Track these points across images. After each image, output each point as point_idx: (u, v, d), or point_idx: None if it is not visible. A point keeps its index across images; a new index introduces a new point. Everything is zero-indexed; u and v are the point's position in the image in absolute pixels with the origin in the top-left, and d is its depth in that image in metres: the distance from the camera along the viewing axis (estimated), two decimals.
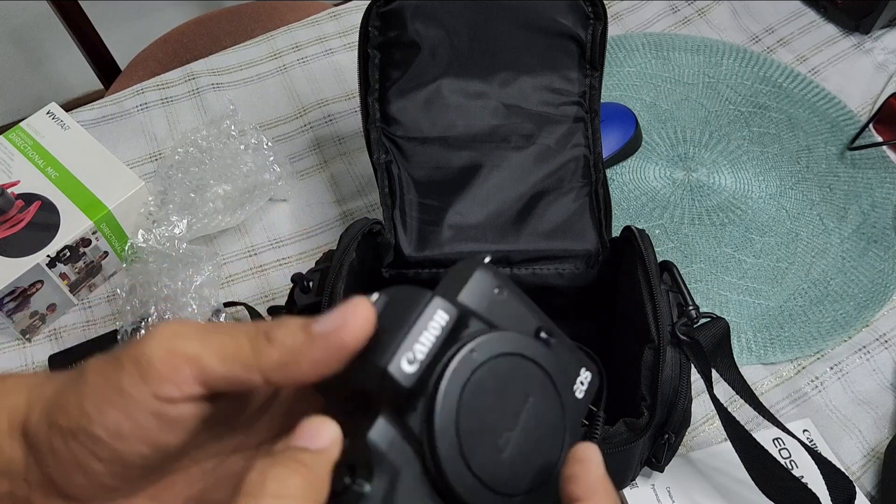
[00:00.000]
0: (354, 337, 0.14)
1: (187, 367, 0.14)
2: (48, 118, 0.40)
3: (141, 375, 0.14)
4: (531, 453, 0.15)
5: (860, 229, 0.42)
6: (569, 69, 0.36)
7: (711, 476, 0.34)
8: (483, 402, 0.14)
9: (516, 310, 0.16)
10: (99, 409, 0.14)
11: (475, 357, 0.15)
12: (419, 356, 0.14)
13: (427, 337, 0.14)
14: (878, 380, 0.37)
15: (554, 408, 0.15)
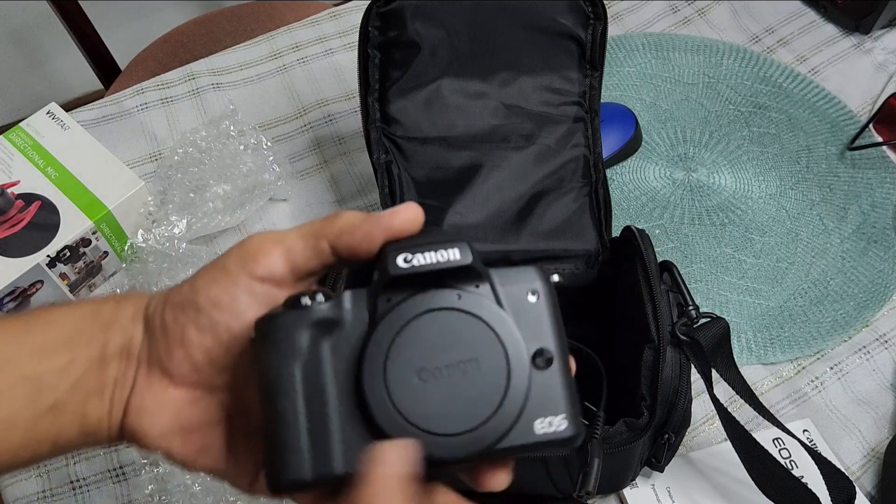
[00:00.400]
0: (401, 220, 0.17)
1: (276, 249, 0.17)
2: (48, 118, 0.40)
3: (241, 257, 0.18)
4: (449, 410, 0.16)
5: (860, 229, 0.42)
6: (569, 69, 0.36)
7: (711, 476, 0.34)
8: (433, 334, 0.16)
9: (535, 321, 0.16)
10: (206, 285, 0.18)
11: (451, 300, 0.16)
12: (414, 262, 0.16)
13: (430, 256, 0.16)
14: (878, 380, 0.37)
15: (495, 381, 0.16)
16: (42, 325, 0.18)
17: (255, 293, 0.17)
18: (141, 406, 0.18)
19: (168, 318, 0.18)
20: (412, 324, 0.16)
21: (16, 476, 0.34)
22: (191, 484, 0.33)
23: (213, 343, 0.18)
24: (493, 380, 0.16)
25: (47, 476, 0.34)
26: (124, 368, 0.18)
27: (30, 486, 0.34)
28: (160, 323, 0.18)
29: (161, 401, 0.18)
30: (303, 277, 0.18)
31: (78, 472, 0.34)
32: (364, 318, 0.16)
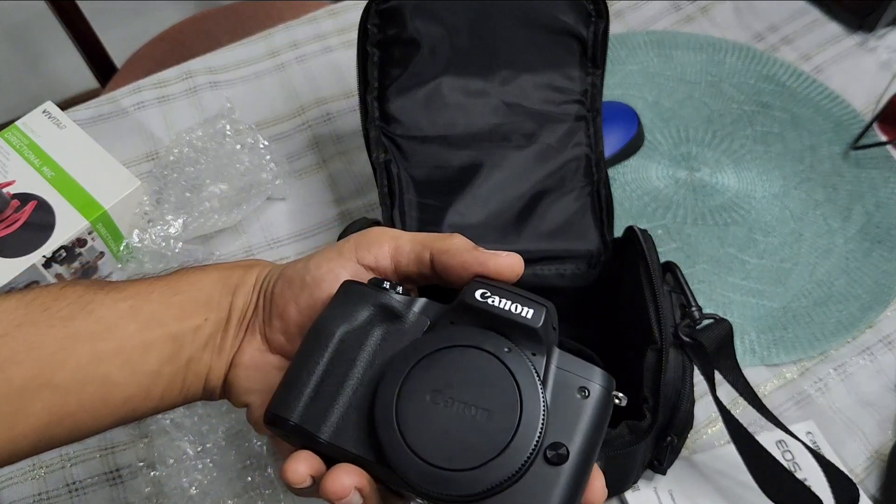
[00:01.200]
0: (496, 264, 0.18)
1: (388, 243, 0.19)
2: (44, 117, 0.40)
3: (357, 243, 0.19)
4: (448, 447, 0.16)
5: (864, 229, 0.42)
6: (570, 67, 0.36)
7: (714, 479, 0.33)
8: (466, 368, 0.16)
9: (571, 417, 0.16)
10: (318, 265, 0.19)
11: (500, 349, 0.16)
12: (489, 301, 0.17)
13: (505, 303, 0.17)
14: (882, 381, 0.37)
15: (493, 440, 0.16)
16: (186, 287, 0.20)
17: (358, 276, 0.19)
18: (240, 362, 0.20)
19: (276, 291, 0.20)
20: (454, 350, 0.16)
21: (11, 478, 0.34)
22: (188, 487, 0.32)
23: (308, 319, 0.19)
24: (493, 438, 0.16)
25: (43, 479, 0.34)
26: (239, 329, 0.20)
27: (26, 488, 0.34)
28: (270, 294, 0.20)
29: (257, 361, 0.20)
30: (403, 280, 0.20)
31: (74, 475, 0.34)
32: (424, 326, 0.17)
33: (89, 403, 0.18)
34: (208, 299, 0.20)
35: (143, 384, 0.19)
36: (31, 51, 0.92)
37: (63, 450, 0.34)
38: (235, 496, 0.33)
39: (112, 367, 0.18)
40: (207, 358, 0.20)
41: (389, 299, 0.17)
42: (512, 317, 0.16)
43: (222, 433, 0.34)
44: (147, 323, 0.19)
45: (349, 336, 0.17)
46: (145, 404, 0.19)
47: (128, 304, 0.19)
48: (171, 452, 0.33)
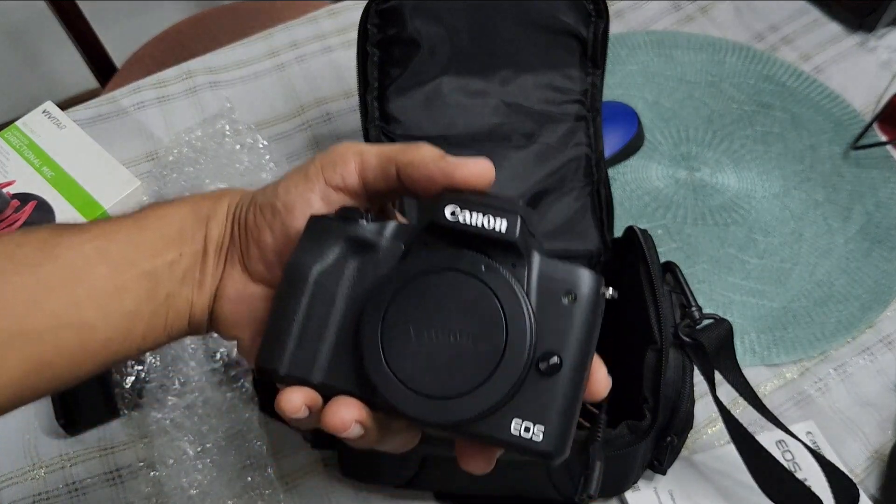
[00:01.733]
0: (463, 173, 0.17)
1: (353, 160, 0.18)
2: (44, 117, 0.40)
3: (322, 163, 0.18)
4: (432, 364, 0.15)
5: (864, 229, 0.42)
6: (570, 67, 0.36)
7: (714, 479, 0.33)
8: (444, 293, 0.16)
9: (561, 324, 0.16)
10: (286, 190, 0.19)
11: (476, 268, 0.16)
12: (459, 219, 0.16)
13: (476, 218, 0.16)
14: (882, 381, 0.37)
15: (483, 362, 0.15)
16: (153, 222, 0.19)
17: (329, 200, 0.18)
18: (224, 294, 0.19)
19: (250, 218, 0.19)
20: (430, 276, 0.16)
21: (11, 479, 0.34)
22: (187, 487, 0.32)
23: (284, 247, 0.18)
24: (482, 360, 0.15)
25: (43, 479, 0.34)
26: (218, 260, 0.20)
27: (25, 488, 0.34)
28: (244, 222, 0.19)
29: (241, 293, 0.19)
30: (375, 195, 0.19)
31: (74, 475, 0.34)
32: (399, 252, 0.17)
33: (67, 350, 0.18)
34: (179, 233, 0.19)
35: (122, 326, 0.18)
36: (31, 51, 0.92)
37: (63, 450, 0.34)
38: (235, 496, 0.33)
39: (87, 311, 0.18)
40: (187, 293, 0.19)
41: (359, 230, 0.17)
42: (485, 232, 0.16)
43: (222, 433, 0.34)
44: (118, 264, 0.18)
45: (324, 275, 0.17)
46: (127, 346, 0.19)
47: (94, 246, 0.18)
48: (171, 452, 0.33)
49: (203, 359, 0.35)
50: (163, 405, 0.34)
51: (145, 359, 0.35)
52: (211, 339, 0.36)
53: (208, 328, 0.20)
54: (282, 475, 0.33)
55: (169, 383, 0.35)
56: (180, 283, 0.19)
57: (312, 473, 0.34)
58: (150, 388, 0.35)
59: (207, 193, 0.20)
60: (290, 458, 0.34)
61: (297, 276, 0.17)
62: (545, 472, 0.30)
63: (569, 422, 0.16)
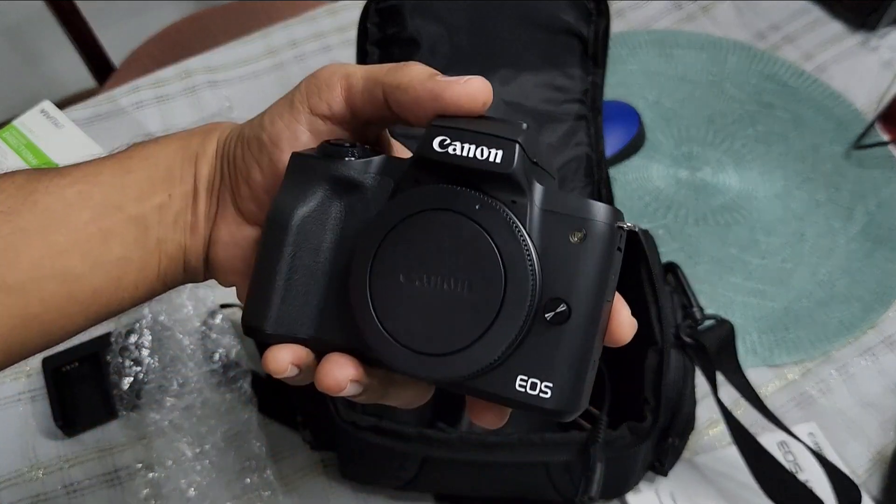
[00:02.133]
0: (453, 94, 0.15)
1: (339, 84, 0.17)
2: (42, 116, 0.40)
3: (307, 90, 0.17)
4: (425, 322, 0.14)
5: (866, 230, 0.41)
6: (571, 66, 0.35)
7: (716, 480, 0.33)
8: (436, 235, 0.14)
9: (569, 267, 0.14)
10: (271, 121, 0.17)
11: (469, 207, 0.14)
12: (449, 150, 0.14)
13: (468, 149, 0.14)
14: (884, 382, 0.37)
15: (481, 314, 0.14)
16: (139, 163, 0.18)
17: (317, 130, 0.17)
18: (219, 238, 0.18)
19: (237, 154, 0.18)
20: (420, 216, 0.14)
21: (9, 480, 0.34)
22: (186, 488, 0.32)
23: (275, 184, 0.17)
24: (479, 311, 0.13)
25: (41, 480, 0.34)
26: (210, 202, 0.18)
27: (24, 490, 0.33)
28: (231, 158, 0.18)
29: (235, 236, 0.18)
30: (365, 123, 0.17)
31: (72, 477, 0.34)
32: (388, 188, 0.15)
33: (54, 302, 0.16)
34: (168, 174, 0.18)
35: (112, 274, 0.17)
36: (29, 50, 0.92)
37: (61, 451, 0.34)
38: (234, 498, 0.33)
39: (71, 259, 0.17)
40: (180, 237, 0.18)
41: (342, 169, 0.15)
42: (479, 165, 0.14)
43: (221, 434, 0.33)
44: (102, 208, 0.17)
45: (308, 220, 0.15)
46: (119, 295, 0.17)
47: (75, 190, 0.17)
48: (170, 454, 0.33)
49: (201, 360, 0.35)
50: (161, 406, 0.34)
51: (143, 359, 0.35)
52: (209, 339, 0.36)
53: (205, 275, 0.19)
54: (281, 476, 0.33)
55: (167, 384, 0.34)
56: (172, 226, 0.18)
57: (312, 475, 0.33)
58: (149, 388, 0.34)
59: (196, 128, 0.19)
60: (290, 459, 0.34)
61: (279, 224, 0.15)
62: (545, 474, 0.29)
63: (581, 375, 0.14)
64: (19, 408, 0.35)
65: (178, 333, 0.35)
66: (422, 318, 0.14)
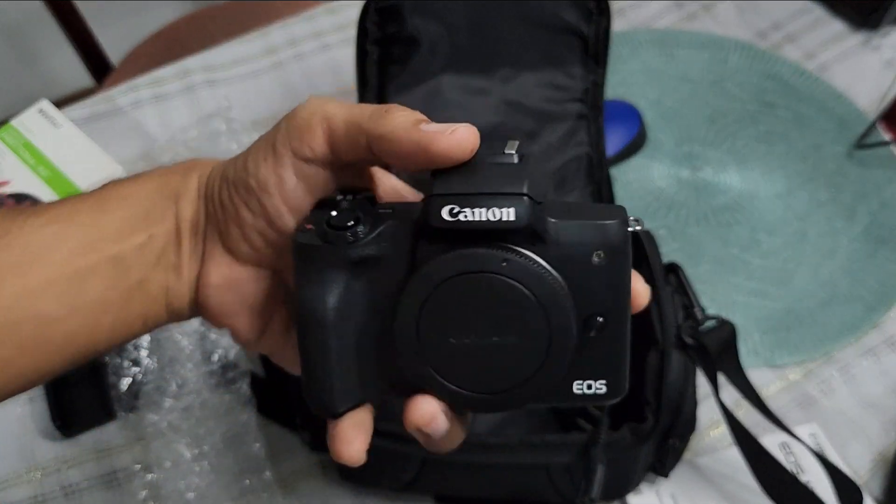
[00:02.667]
0: (440, 147, 0.15)
1: (320, 126, 0.17)
2: (39, 116, 0.40)
3: (288, 134, 0.17)
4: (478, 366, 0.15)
5: (868, 230, 0.41)
6: (571, 65, 0.35)
7: (717, 482, 0.33)
8: (473, 296, 0.15)
9: (596, 284, 0.15)
10: (255, 164, 0.17)
11: (495, 264, 0.15)
12: (461, 217, 0.15)
13: (480, 213, 0.15)
14: (887, 383, 0.37)
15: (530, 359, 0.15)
16: (116, 203, 0.18)
17: (303, 174, 0.17)
18: (209, 281, 0.18)
19: (224, 196, 0.18)
20: (450, 283, 0.15)
21: (6, 481, 0.33)
22: (184, 490, 0.32)
23: (266, 225, 0.17)
24: (531, 351, 0.15)
25: (39, 482, 0.33)
26: (195, 242, 0.18)
27: (21, 491, 0.33)
28: (218, 200, 0.18)
29: (227, 277, 0.18)
30: (346, 165, 0.17)
31: (70, 478, 0.33)
32: (405, 257, 0.16)
33: (29, 346, 0.16)
34: (147, 213, 0.18)
35: (88, 316, 0.17)
36: (27, 49, 0.91)
37: (59, 452, 0.34)
38: (233, 499, 0.32)
39: (46, 301, 0.16)
40: (162, 277, 0.18)
41: (356, 252, 0.15)
42: (494, 226, 0.14)
43: (219, 436, 0.33)
44: (79, 248, 0.17)
45: (339, 306, 0.16)
46: (95, 337, 0.17)
47: (52, 230, 0.17)
48: (168, 455, 0.33)
49: (200, 360, 0.35)
50: (159, 407, 0.34)
51: (142, 360, 0.35)
52: (208, 340, 0.36)
53: (190, 315, 0.19)
54: (280, 478, 0.33)
55: (166, 385, 0.34)
56: (153, 266, 0.18)
57: (311, 476, 0.33)
58: (147, 390, 0.34)
59: (175, 166, 0.19)
60: (289, 460, 0.34)
61: (315, 320, 0.16)
62: (546, 475, 0.29)
63: (625, 364, 0.16)
64: (17, 409, 0.35)
65: (177, 334, 0.35)
66: (481, 369, 0.15)
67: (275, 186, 0.17)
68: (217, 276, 0.18)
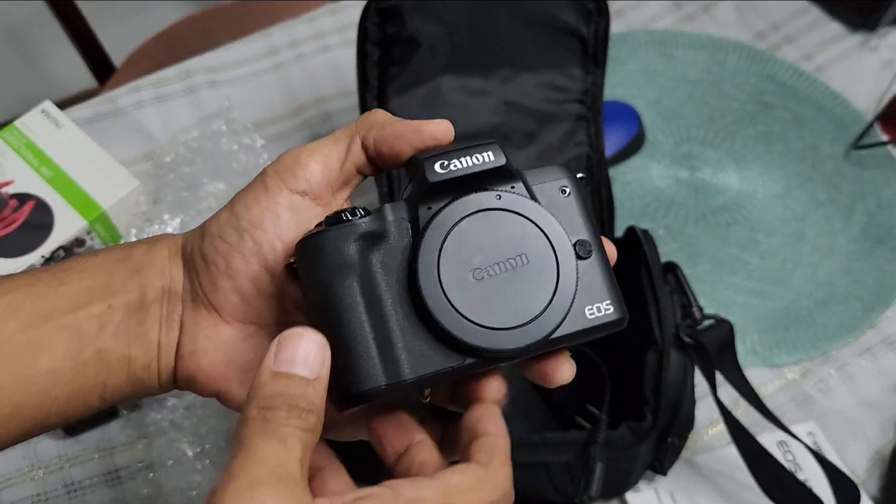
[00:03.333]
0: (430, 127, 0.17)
1: (311, 159, 0.18)
2: (42, 116, 0.40)
3: (279, 172, 0.17)
4: (506, 299, 0.16)
5: (866, 230, 0.41)
6: (571, 66, 0.35)
7: (715, 480, 0.33)
8: (479, 234, 0.17)
9: (570, 215, 0.17)
10: (246, 207, 0.17)
11: (492, 200, 0.17)
12: (451, 168, 0.17)
13: (466, 160, 0.17)
14: (884, 382, 0.37)
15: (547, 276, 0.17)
16: (74, 275, 0.18)
17: (296, 208, 0.17)
18: (194, 348, 0.18)
19: (209, 251, 0.18)
20: (458, 227, 0.16)
21: (10, 479, 0.34)
22: (187, 488, 0.32)
23: (260, 268, 0.17)
24: (544, 273, 0.17)
25: (42, 480, 0.34)
26: (168, 311, 0.18)
27: (24, 489, 0.33)
28: (201, 258, 0.18)
29: (213, 340, 0.18)
30: (339, 188, 0.18)
31: (73, 476, 0.34)
32: (407, 227, 0.17)
33: None
34: (106, 284, 0.17)
35: (38, 386, 0.16)
36: (30, 50, 0.92)
37: (62, 450, 0.34)
38: None
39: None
40: (123, 348, 0.17)
41: (362, 227, 0.16)
42: (480, 168, 0.17)
43: (222, 434, 0.34)
44: (31, 319, 0.17)
45: (360, 279, 0.16)
46: (46, 409, 0.17)
47: (5, 301, 0.17)
48: (170, 454, 0.33)
49: None
50: (162, 406, 0.34)
51: None
52: None
53: (164, 387, 0.18)
54: None
55: None
56: (113, 337, 0.17)
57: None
58: None
59: (138, 241, 0.19)
60: None
61: (337, 296, 0.16)
62: (545, 474, 0.29)
63: (617, 287, 0.17)
64: None
65: None
66: (504, 301, 0.16)
67: (270, 222, 0.17)
68: (204, 341, 0.18)
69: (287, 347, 0.15)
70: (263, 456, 0.14)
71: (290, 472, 0.14)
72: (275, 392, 0.15)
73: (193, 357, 0.18)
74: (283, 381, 0.15)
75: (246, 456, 0.14)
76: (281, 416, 0.14)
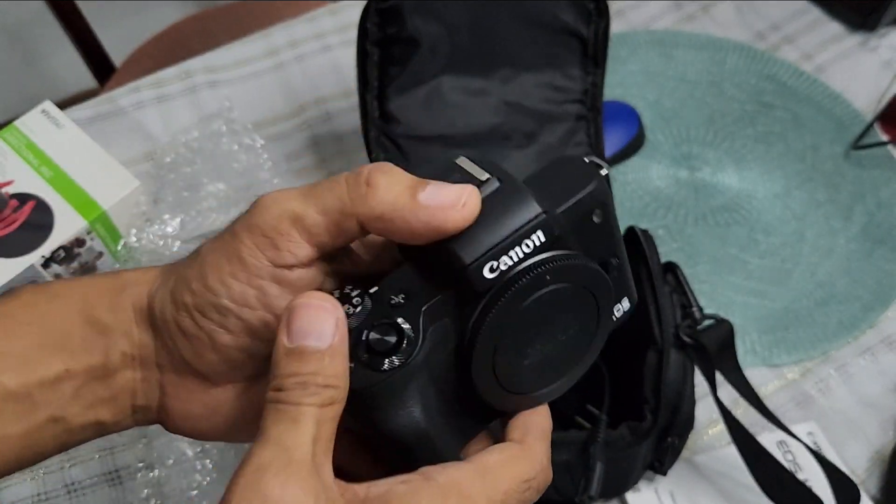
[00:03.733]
0: (455, 224, 0.14)
1: (294, 229, 0.15)
2: (42, 116, 0.40)
3: (257, 244, 0.15)
4: (552, 363, 0.17)
5: (866, 230, 0.41)
6: (571, 66, 0.35)
7: (715, 480, 0.33)
8: (534, 319, 0.16)
9: (602, 236, 0.17)
10: (224, 283, 0.15)
11: (544, 281, 0.15)
12: (503, 267, 0.15)
13: (517, 253, 0.15)
14: (884, 382, 0.37)
15: (589, 330, 0.17)
16: (24, 329, 0.15)
17: (287, 280, 0.15)
18: (188, 413, 0.16)
19: (187, 324, 0.15)
20: (509, 322, 0.15)
21: (10, 479, 0.34)
22: (187, 488, 0.32)
23: (251, 340, 0.16)
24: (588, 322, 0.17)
25: (42, 479, 0.34)
26: (143, 376, 0.16)
27: (24, 489, 0.33)
28: (177, 329, 0.16)
29: (207, 404, 0.16)
30: (328, 254, 0.16)
31: (73, 476, 0.34)
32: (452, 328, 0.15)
33: None
34: (63, 341, 0.15)
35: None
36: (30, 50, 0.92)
37: None
38: None
39: None
40: (87, 413, 0.15)
41: (407, 373, 0.14)
42: (530, 255, 0.15)
43: None
44: None
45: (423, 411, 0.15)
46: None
47: None
48: (171, 453, 0.33)
49: None
50: None
51: None
52: None
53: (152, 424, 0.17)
54: None
55: None
56: (70, 403, 0.15)
57: None
58: None
59: (98, 282, 0.16)
60: None
61: (411, 437, 0.15)
62: None
63: (632, 280, 0.18)
64: None
65: None
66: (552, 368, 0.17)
67: (255, 298, 0.15)
68: (197, 406, 0.16)
69: (296, 319, 0.14)
70: (274, 440, 0.13)
71: (299, 456, 0.13)
72: (288, 371, 0.14)
73: (189, 422, 0.16)
74: (295, 358, 0.14)
75: (259, 441, 0.13)
76: (294, 396, 0.13)
